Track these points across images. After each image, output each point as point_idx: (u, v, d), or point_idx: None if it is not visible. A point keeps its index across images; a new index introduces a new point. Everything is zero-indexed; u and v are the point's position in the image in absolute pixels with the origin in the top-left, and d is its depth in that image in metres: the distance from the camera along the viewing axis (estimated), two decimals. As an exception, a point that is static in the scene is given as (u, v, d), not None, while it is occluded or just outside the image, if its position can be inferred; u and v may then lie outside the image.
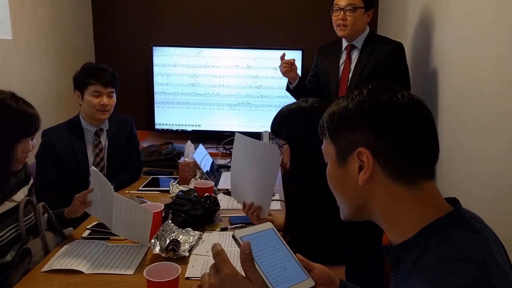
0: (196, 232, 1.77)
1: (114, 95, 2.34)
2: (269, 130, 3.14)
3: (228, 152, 3.12)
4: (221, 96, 3.40)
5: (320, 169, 1.49)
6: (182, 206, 1.90)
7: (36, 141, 1.75)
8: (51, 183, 2.23)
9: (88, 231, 1.87)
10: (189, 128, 3.47)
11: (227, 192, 2.31)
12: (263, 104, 3.41)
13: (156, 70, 3.36)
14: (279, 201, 2.23)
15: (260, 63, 3.34)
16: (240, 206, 1.93)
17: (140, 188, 2.39)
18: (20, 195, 1.76)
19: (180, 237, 1.72)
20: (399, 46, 2.43)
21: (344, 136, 0.85)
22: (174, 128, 3.47)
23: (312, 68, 2.77)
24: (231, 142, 3.25)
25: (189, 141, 2.55)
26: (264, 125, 3.37)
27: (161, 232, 1.71)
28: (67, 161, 2.29)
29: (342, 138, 0.86)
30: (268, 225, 1.12)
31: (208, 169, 2.48)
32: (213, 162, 2.65)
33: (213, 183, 2.18)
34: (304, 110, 1.53)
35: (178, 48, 3.34)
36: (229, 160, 2.95)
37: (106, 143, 2.41)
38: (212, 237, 1.82)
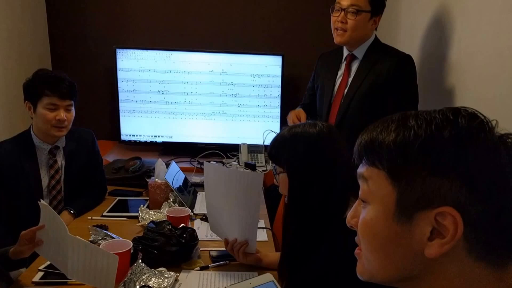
0: (171, 273, 1.50)
1: (73, 108, 2.01)
2: (247, 143, 2.97)
3: (202, 167, 2.82)
4: (194, 104, 3.09)
5: (323, 205, 1.27)
6: (153, 241, 1.60)
7: None
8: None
9: (40, 274, 1.55)
10: (159, 140, 3.15)
11: (205, 218, 2.02)
12: (240, 114, 3.12)
13: (120, 75, 3.02)
14: (264, 229, 1.96)
15: (236, 69, 3.06)
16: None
17: (104, 214, 2.07)
18: None
19: (153, 280, 1.45)
20: (406, 58, 2.10)
21: (419, 180, 0.59)
22: (143, 139, 3.14)
23: (310, 80, 2.49)
24: (208, 156, 3.01)
25: (159, 159, 2.24)
26: (241, 136, 3.11)
27: (129, 276, 1.42)
28: (16, 185, 1.95)
29: (416, 183, 0.59)
30: (267, 277, 1.00)
31: (180, 185, 2.18)
32: (185, 179, 2.36)
33: (190, 211, 1.88)
34: (311, 137, 1.27)
35: (145, 51, 3.01)
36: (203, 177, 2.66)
37: (63, 162, 2.07)
38: (191, 279, 1.54)
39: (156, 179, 2.15)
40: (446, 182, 0.58)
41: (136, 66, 3.01)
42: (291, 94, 3.27)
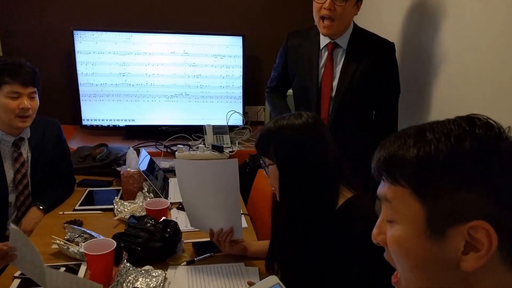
0: (159, 271, 1.49)
1: (37, 96, 1.92)
2: (212, 124, 2.95)
3: (169, 151, 2.80)
4: (156, 86, 3.03)
5: (313, 195, 1.30)
6: (136, 237, 1.59)
7: None
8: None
9: (17, 281, 1.47)
10: (121, 123, 3.07)
11: (181, 207, 2.02)
12: (203, 95, 3.10)
13: (79, 58, 2.90)
14: (242, 215, 1.99)
15: (198, 50, 3.01)
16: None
17: (77, 208, 2.03)
18: None
19: (140, 280, 1.44)
20: (391, 46, 2.07)
21: (446, 196, 0.61)
22: (105, 123, 3.05)
23: (278, 63, 2.31)
24: (174, 139, 2.96)
25: (131, 148, 2.20)
26: (205, 117, 3.09)
27: (116, 278, 1.41)
28: None
29: (444, 199, 0.61)
30: (272, 280, 0.95)
31: (145, 170, 2.16)
32: (152, 162, 2.32)
33: (168, 203, 1.87)
34: (297, 128, 1.29)
35: (104, 32, 2.90)
36: (172, 162, 2.64)
37: (29, 155, 2.00)
38: (180, 275, 1.54)
39: (128, 168, 2.11)
40: (473, 195, 0.59)
41: (95, 49, 2.90)
42: (253, 74, 3.27)
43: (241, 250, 1.64)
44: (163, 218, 1.72)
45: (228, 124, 3.09)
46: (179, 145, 2.85)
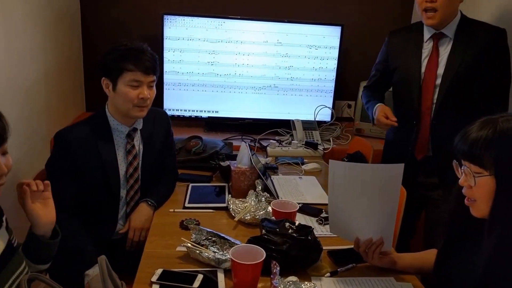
0: (308, 283, 1.30)
1: (154, 85, 1.77)
2: (301, 119, 2.77)
3: (258, 145, 2.64)
4: (244, 77, 2.86)
5: None
6: (276, 244, 1.42)
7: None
8: (69, 206, 1.66)
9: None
10: (204, 115, 2.91)
11: (298, 209, 1.84)
12: (292, 87, 2.91)
13: (167, 44, 2.75)
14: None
15: (292, 40, 2.82)
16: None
17: (186, 205, 1.87)
18: None
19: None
20: (502, 33, 1.97)
21: None
22: (187, 114, 2.90)
23: (379, 60, 2.28)
24: (262, 134, 2.80)
25: (243, 143, 2.04)
26: (291, 112, 2.91)
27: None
28: (92, 174, 1.72)
29: None
30: None
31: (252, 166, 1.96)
32: (258, 160, 2.14)
33: (297, 205, 1.70)
34: None
35: (195, 18, 2.73)
36: (269, 158, 2.48)
37: (141, 147, 1.85)
38: (327, 288, 1.37)
39: (239, 164, 1.95)
40: None
41: (184, 35, 2.74)
42: (347, 67, 3.07)
43: (390, 263, 1.46)
44: (298, 223, 1.55)
45: (316, 119, 2.91)
46: (271, 140, 2.68)
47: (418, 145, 2.07)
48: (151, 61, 1.70)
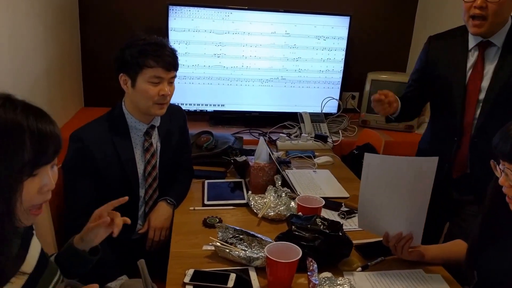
0: (342, 279, 1.29)
1: (174, 81, 1.72)
2: (308, 112, 2.73)
3: (269, 139, 2.60)
4: (251, 69, 2.81)
5: None
6: (307, 240, 1.40)
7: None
8: (87, 206, 1.59)
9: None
10: (209, 109, 2.86)
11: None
12: (300, 80, 2.87)
13: (172, 36, 2.68)
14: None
15: (301, 30, 2.78)
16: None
17: (206, 203, 1.83)
18: (33, 254, 1.07)
19: (329, 290, 1.24)
20: None
21: None
22: (192, 108, 2.84)
23: (416, 69, 2.04)
24: (269, 128, 2.76)
25: (261, 138, 2.00)
26: (298, 104, 2.88)
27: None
28: (111, 174, 1.67)
29: None
30: None
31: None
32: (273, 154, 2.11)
33: (323, 201, 1.67)
34: None
35: (201, 9, 2.67)
36: (280, 152, 2.44)
37: (158, 144, 1.80)
38: (361, 282, 1.36)
39: (257, 160, 1.92)
40: None
41: (190, 26, 2.68)
42: (354, 58, 3.04)
43: (418, 256, 1.45)
44: (331, 219, 1.52)
45: (323, 111, 2.88)
46: (281, 134, 2.65)
47: (457, 163, 1.88)
48: (172, 57, 1.64)
